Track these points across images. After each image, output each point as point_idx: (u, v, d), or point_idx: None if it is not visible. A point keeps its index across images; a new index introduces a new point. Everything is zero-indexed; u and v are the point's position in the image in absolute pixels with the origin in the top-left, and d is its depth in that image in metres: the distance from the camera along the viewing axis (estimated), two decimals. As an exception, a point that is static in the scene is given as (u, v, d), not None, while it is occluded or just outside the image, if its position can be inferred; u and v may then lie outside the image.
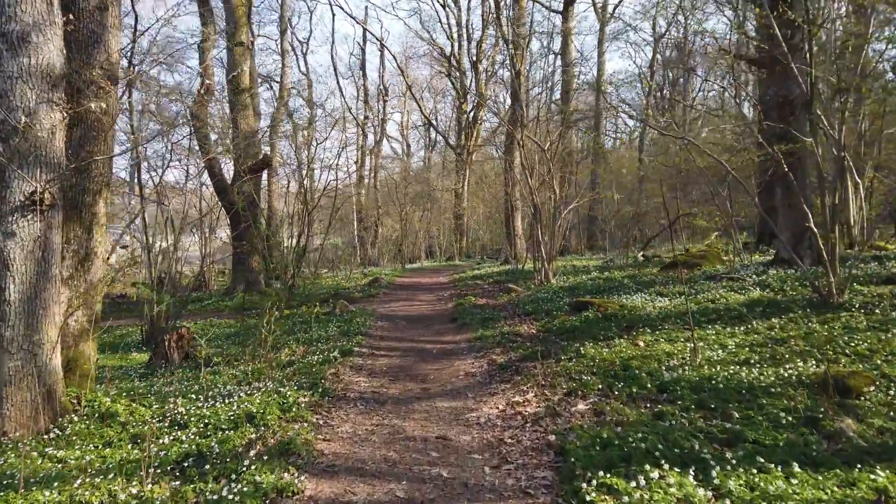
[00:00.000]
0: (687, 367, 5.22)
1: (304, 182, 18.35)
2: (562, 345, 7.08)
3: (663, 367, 5.30)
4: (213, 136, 17.66)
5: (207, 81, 14.92)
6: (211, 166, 14.86)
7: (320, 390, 5.49)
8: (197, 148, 14.00)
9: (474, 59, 33.24)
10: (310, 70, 32.46)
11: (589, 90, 32.76)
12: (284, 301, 10.47)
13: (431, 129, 39.80)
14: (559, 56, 29.28)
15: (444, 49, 34.81)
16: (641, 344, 6.51)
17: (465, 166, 32.46)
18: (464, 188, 32.05)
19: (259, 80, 28.88)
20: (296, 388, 5.49)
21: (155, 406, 5.43)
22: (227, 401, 5.24)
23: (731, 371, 5.00)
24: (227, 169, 16.93)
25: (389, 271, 22.19)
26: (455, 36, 34.88)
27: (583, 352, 6.33)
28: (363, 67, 37.64)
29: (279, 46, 26.97)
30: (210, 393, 5.64)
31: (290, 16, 29.45)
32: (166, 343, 8.06)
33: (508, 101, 29.97)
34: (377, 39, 32.48)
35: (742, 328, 6.47)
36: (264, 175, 23.16)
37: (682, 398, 4.57)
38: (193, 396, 5.60)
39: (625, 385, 5.04)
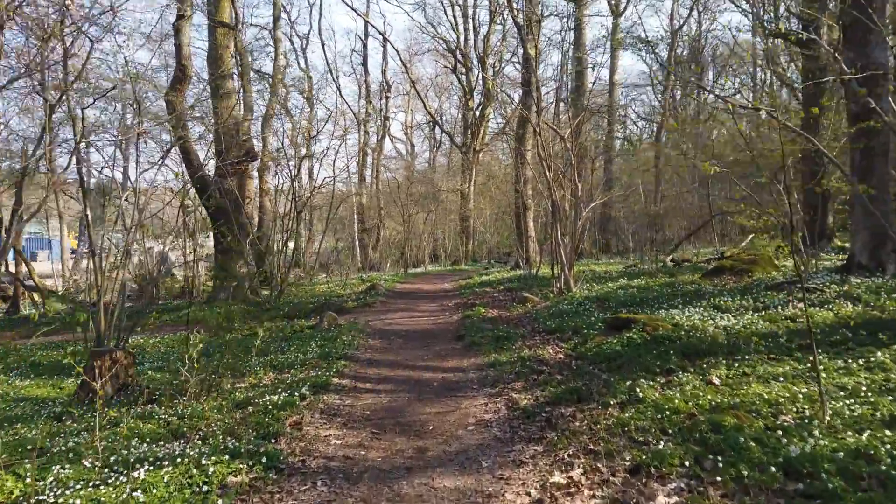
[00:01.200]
0: (815, 431, 3.44)
1: (297, 176, 16.72)
2: (604, 379, 5.32)
3: (779, 431, 3.52)
4: (199, 128, 16.06)
5: (183, 63, 13.27)
6: (187, 154, 13.18)
7: (263, 459, 3.73)
8: (166, 134, 12.32)
9: (481, 53, 31.56)
10: (310, 66, 30.76)
11: (600, 92, 31.01)
12: (239, 317, 8.74)
13: (436, 128, 38.10)
14: (572, 46, 27.50)
15: (450, 42, 33.14)
16: (717, 381, 4.74)
17: (471, 165, 30.69)
18: (470, 188, 30.26)
19: (257, 78, 27.27)
20: (228, 456, 3.72)
21: (29, 479, 3.73)
22: (123, 477, 3.52)
23: (890, 439, 3.23)
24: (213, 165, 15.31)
25: (390, 277, 20.45)
26: (461, 29, 33.26)
27: (640, 394, 4.57)
28: (365, 63, 36.01)
29: (272, 35, 25.29)
30: (112, 458, 3.93)
31: (286, 3, 27.85)
32: (96, 371, 6.35)
33: (517, 97, 28.29)
34: (380, 33, 30.85)
35: (860, 360, 4.69)
36: (255, 173, 21.51)
37: (833, 495, 2.81)
38: (88, 463, 3.90)
39: (724, 461, 3.27)
